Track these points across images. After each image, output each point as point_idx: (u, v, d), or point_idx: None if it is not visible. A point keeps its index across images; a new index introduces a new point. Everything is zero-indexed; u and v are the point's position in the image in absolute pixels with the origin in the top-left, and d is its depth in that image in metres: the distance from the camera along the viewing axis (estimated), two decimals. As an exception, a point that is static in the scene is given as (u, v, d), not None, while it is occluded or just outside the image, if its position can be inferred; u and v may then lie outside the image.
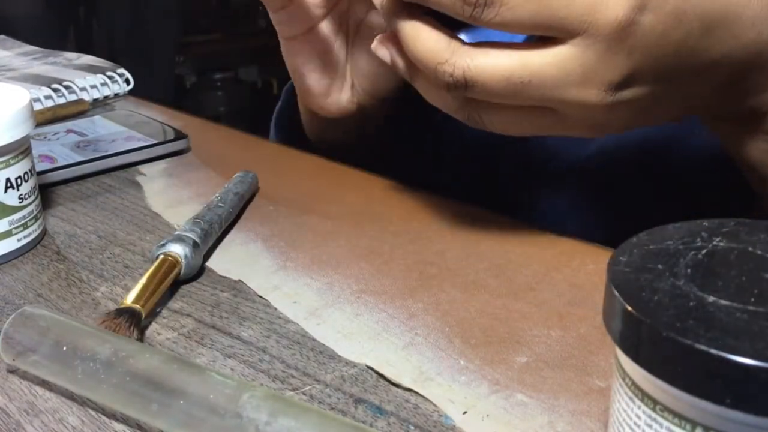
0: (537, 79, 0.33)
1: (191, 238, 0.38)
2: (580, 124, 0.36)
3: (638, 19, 0.31)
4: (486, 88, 0.34)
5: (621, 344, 0.20)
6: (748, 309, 0.19)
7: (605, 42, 0.32)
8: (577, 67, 0.33)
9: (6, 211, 0.40)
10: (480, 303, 0.36)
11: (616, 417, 0.22)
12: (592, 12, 0.31)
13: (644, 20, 0.31)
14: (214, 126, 0.66)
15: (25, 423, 0.29)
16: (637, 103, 0.34)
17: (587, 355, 0.32)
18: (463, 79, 0.34)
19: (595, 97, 0.33)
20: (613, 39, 0.32)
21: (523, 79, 0.33)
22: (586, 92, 0.33)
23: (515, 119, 0.36)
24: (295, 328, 0.34)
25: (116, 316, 0.33)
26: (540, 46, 0.33)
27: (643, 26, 0.32)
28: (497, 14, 0.32)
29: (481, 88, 0.34)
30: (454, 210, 0.46)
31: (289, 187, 0.50)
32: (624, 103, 0.34)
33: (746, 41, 0.34)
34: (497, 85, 0.34)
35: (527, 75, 0.33)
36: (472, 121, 0.38)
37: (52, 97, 0.68)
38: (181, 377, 0.27)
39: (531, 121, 0.36)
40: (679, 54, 0.33)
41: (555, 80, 0.33)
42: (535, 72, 0.33)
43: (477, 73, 0.34)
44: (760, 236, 0.22)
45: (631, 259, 0.22)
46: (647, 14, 0.31)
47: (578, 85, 0.33)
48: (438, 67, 0.34)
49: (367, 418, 0.29)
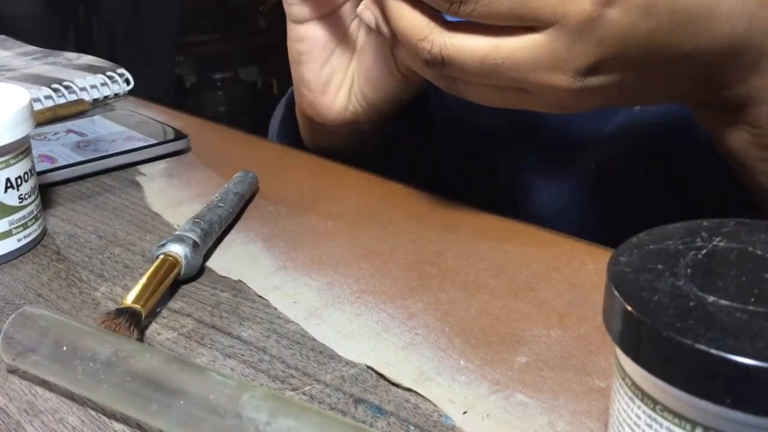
0: (509, 62, 0.35)
1: (191, 238, 0.38)
2: (552, 104, 0.38)
3: (606, 12, 0.33)
4: (461, 67, 0.36)
5: (621, 344, 0.20)
6: (748, 309, 0.19)
7: (575, 32, 0.34)
8: (547, 53, 0.34)
9: (6, 211, 0.40)
10: (480, 303, 0.36)
11: (616, 417, 0.22)
12: (564, 4, 0.33)
13: (612, 13, 0.33)
14: (214, 126, 0.66)
15: (25, 423, 0.29)
16: (606, 89, 0.36)
17: (587, 355, 0.32)
18: (440, 56, 0.36)
19: (563, 82, 0.35)
20: (583, 29, 0.34)
21: (497, 61, 0.35)
22: (555, 77, 0.35)
23: (491, 94, 0.38)
24: (295, 328, 0.34)
25: (116, 316, 0.33)
26: (515, 32, 0.35)
27: (611, 18, 0.33)
28: (474, 9, 0.34)
29: (457, 67, 0.36)
30: (454, 210, 0.46)
31: (289, 187, 0.50)
32: (592, 88, 0.36)
33: (720, 35, 0.35)
34: (472, 65, 0.36)
35: (501, 57, 0.35)
36: (451, 90, 0.40)
37: (52, 97, 0.68)
38: (181, 377, 0.27)
39: (506, 96, 0.38)
40: (649, 45, 0.34)
41: (526, 64, 0.35)
42: (508, 55, 0.35)
43: (453, 52, 0.36)
44: (760, 236, 0.22)
45: (631, 259, 0.22)
46: (616, 7, 0.33)
47: (548, 70, 0.35)
48: (418, 43, 0.37)
49: (367, 418, 0.29)
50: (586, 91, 0.36)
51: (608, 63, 0.35)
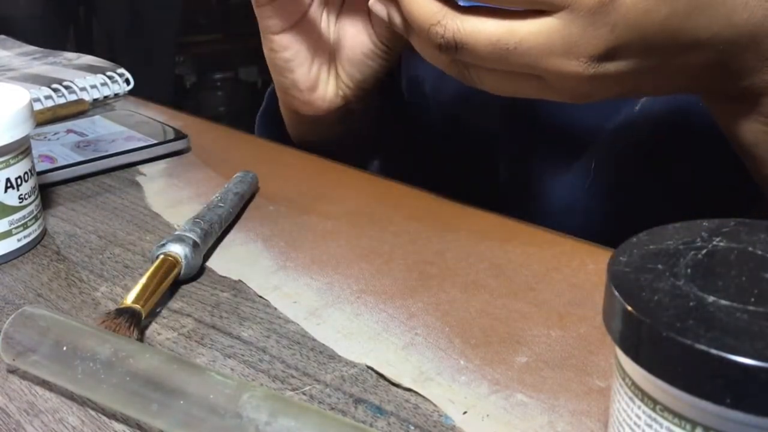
0: (522, 47, 0.35)
1: (191, 238, 0.38)
2: (565, 92, 0.37)
3: None
4: (474, 52, 0.36)
5: (621, 344, 0.20)
6: (748, 309, 0.19)
7: (588, 17, 0.33)
8: (560, 38, 0.34)
9: (6, 211, 0.40)
10: (480, 303, 0.36)
11: (616, 417, 0.22)
12: None
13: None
14: (214, 126, 0.66)
15: (25, 423, 0.29)
16: (621, 76, 0.35)
17: (587, 355, 0.32)
18: (453, 41, 0.36)
19: (577, 68, 0.35)
20: (596, 14, 0.33)
21: (509, 46, 0.35)
22: (569, 63, 0.35)
23: (503, 81, 0.38)
24: (295, 328, 0.34)
25: (116, 316, 0.33)
26: (528, 16, 0.35)
27: (626, 3, 0.33)
28: None
29: (470, 51, 0.36)
30: (454, 210, 0.46)
31: (289, 187, 0.50)
32: (607, 75, 0.35)
33: (738, 22, 0.34)
34: (485, 49, 0.35)
35: (513, 42, 0.35)
36: (464, 78, 0.39)
37: (52, 97, 0.68)
38: (181, 377, 0.27)
39: (519, 84, 0.38)
40: (664, 31, 0.34)
41: (539, 49, 0.35)
42: (521, 40, 0.35)
43: (466, 35, 0.36)
44: (760, 236, 0.22)
45: (631, 259, 0.22)
46: None
47: (561, 55, 0.34)
48: (431, 28, 0.36)
49: (367, 418, 0.29)
50: (599, 78, 0.35)
51: (622, 49, 0.34)
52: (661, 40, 0.34)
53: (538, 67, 0.35)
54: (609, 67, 0.35)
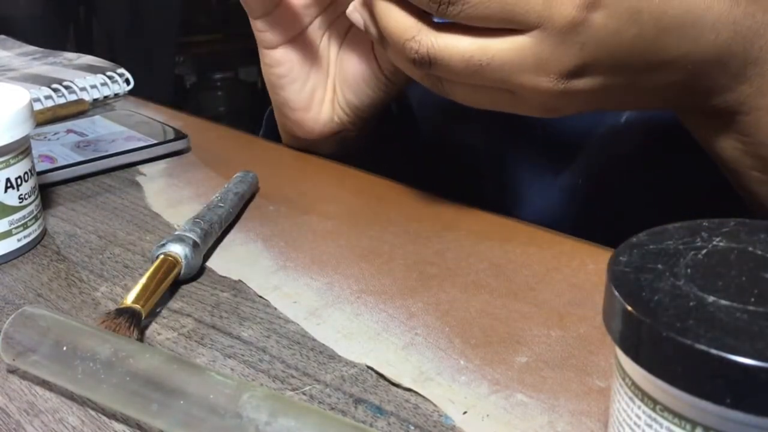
0: (494, 63, 0.36)
1: (191, 238, 0.38)
2: (536, 106, 0.38)
3: (590, 17, 0.34)
4: (448, 67, 0.37)
5: (621, 344, 0.20)
6: (748, 309, 0.19)
7: (559, 35, 0.34)
8: (531, 55, 0.35)
9: (6, 211, 0.40)
10: (480, 303, 0.36)
11: (616, 417, 0.22)
12: (548, 8, 0.34)
13: (596, 17, 0.34)
14: (214, 126, 0.66)
15: (25, 423, 0.29)
16: (590, 92, 0.37)
17: (587, 355, 0.32)
18: (427, 56, 0.37)
19: (547, 84, 0.36)
20: (567, 33, 0.34)
21: (482, 62, 0.36)
22: (539, 79, 0.36)
23: (476, 95, 0.39)
24: (295, 328, 0.34)
25: (116, 316, 0.33)
26: (500, 33, 0.36)
27: (595, 23, 0.34)
28: (461, 11, 0.35)
29: (444, 67, 0.37)
30: (454, 210, 0.46)
31: (289, 187, 0.50)
32: (576, 91, 0.36)
33: (704, 44, 0.35)
34: (458, 65, 0.36)
35: (486, 59, 0.36)
36: (438, 90, 0.40)
37: (52, 97, 0.68)
38: (181, 377, 0.27)
39: (491, 97, 0.39)
40: (633, 51, 0.35)
41: (511, 65, 0.36)
42: (494, 56, 0.36)
43: (439, 51, 0.36)
44: (760, 236, 0.22)
45: (631, 259, 0.22)
46: (600, 12, 0.34)
47: (532, 72, 0.35)
48: (405, 43, 0.37)
49: (367, 418, 0.29)
50: (569, 93, 0.36)
51: (591, 67, 0.35)
52: (630, 59, 0.35)
53: (509, 82, 0.36)
54: (578, 84, 0.36)
